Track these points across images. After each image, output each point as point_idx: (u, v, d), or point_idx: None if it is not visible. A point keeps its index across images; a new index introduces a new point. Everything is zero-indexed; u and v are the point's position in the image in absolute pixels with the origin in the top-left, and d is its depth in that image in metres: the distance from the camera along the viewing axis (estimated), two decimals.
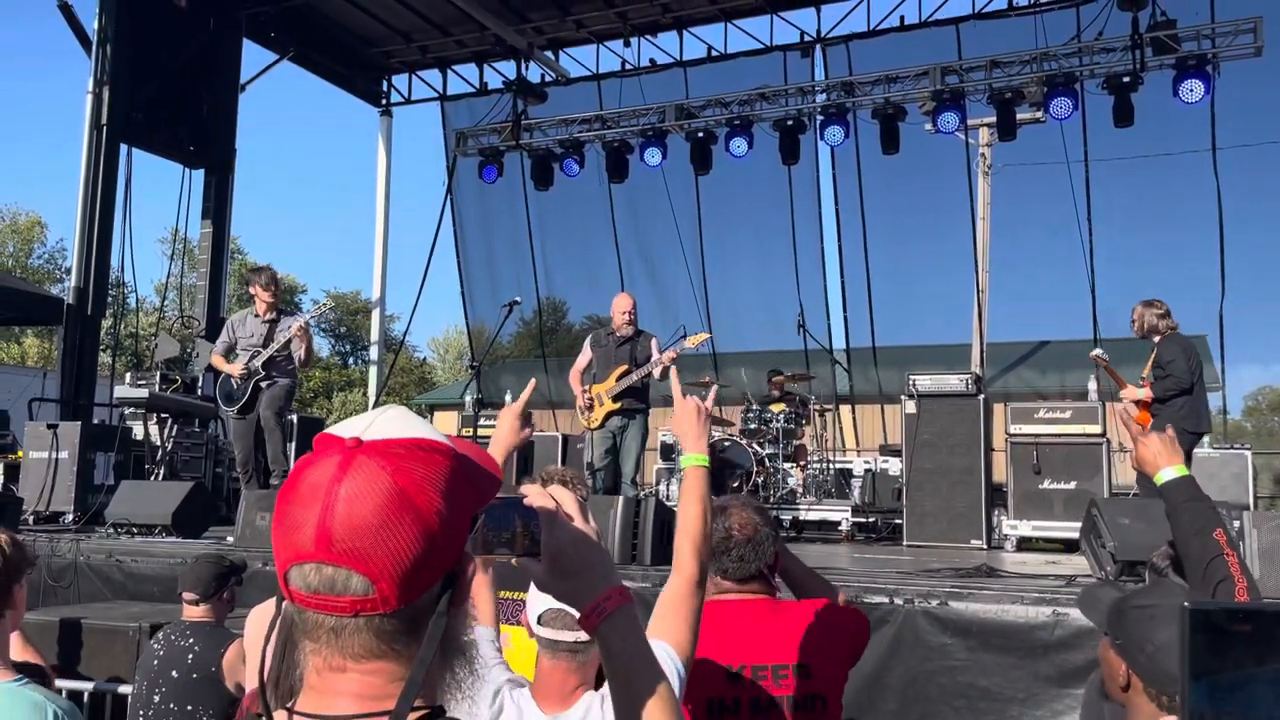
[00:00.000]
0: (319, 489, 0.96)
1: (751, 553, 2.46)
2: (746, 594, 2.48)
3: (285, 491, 0.99)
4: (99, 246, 11.06)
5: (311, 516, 0.95)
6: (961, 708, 4.50)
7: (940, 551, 7.46)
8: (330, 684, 0.98)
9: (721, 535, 2.46)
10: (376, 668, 0.98)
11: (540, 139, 13.61)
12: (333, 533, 0.93)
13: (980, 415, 8.12)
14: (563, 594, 1.21)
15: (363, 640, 0.97)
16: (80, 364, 10.85)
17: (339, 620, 0.96)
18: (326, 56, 14.51)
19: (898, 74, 11.79)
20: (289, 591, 0.97)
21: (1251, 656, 0.70)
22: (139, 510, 7.20)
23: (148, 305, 19.94)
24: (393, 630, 0.97)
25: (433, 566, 0.97)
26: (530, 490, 1.18)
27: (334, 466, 0.96)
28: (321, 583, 0.95)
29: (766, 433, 9.98)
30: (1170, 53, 10.51)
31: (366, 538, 0.93)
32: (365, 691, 0.98)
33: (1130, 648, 1.85)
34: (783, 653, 2.40)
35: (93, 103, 11.19)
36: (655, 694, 1.17)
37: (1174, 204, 13.48)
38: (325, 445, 1.00)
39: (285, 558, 0.97)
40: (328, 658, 0.98)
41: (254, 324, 7.71)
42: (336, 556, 0.94)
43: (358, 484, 0.95)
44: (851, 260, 14.65)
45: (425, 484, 0.97)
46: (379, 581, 0.94)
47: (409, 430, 1.01)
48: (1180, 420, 6.75)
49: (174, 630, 3.95)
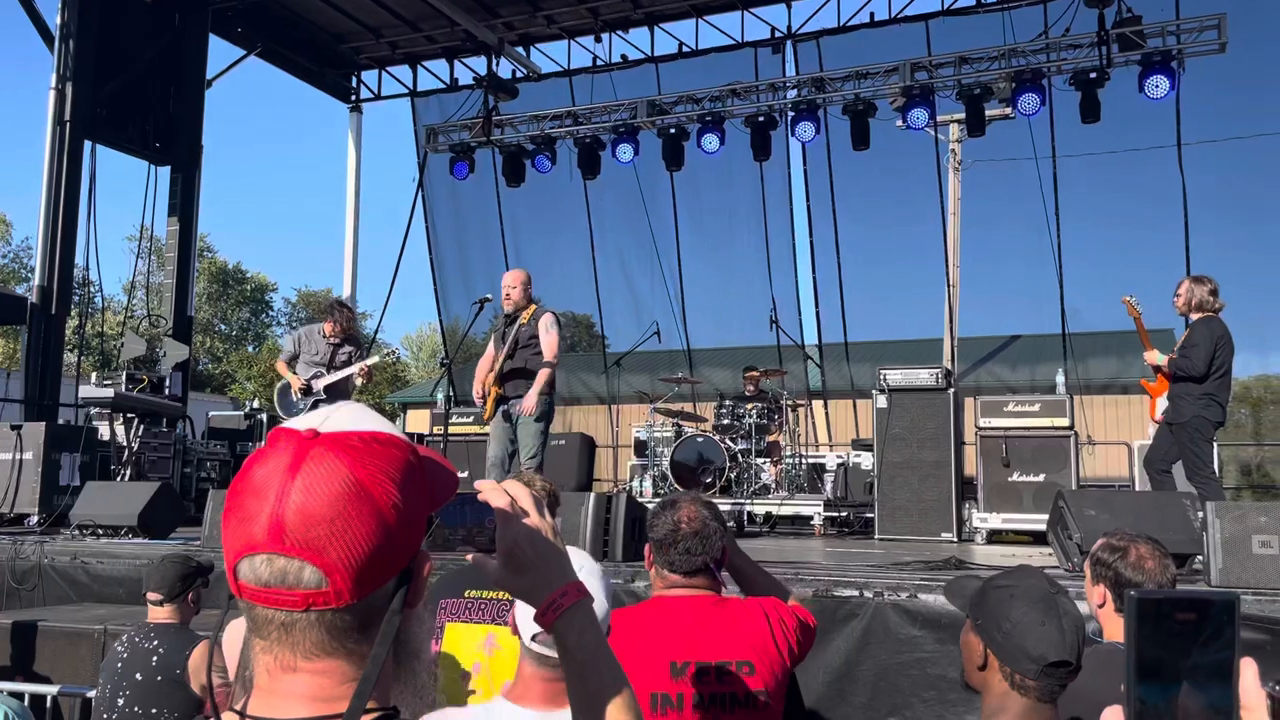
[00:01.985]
0: (273, 479, 0.93)
1: (699, 546, 2.46)
2: (692, 588, 2.49)
3: (237, 483, 0.97)
4: (63, 244, 10.91)
5: (264, 507, 0.92)
6: (931, 699, 4.52)
7: (911, 545, 7.50)
8: (280, 685, 0.96)
9: (669, 528, 2.47)
10: (328, 667, 0.95)
11: (511, 135, 13.56)
12: (286, 523, 0.91)
13: (951, 409, 8.18)
14: (518, 590, 1.18)
15: (314, 637, 0.94)
16: (45, 364, 10.70)
17: (290, 615, 0.93)
18: (295, 52, 14.38)
19: (868, 70, 11.83)
20: (238, 586, 0.95)
21: (1196, 645, 0.70)
22: (105, 511, 7.11)
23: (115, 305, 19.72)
24: (345, 627, 0.95)
25: (388, 561, 0.95)
26: (484, 486, 1.16)
27: (289, 457, 0.94)
28: (273, 575, 0.92)
29: (739, 428, 10.01)
30: (1136, 49, 10.61)
31: (321, 528, 0.91)
32: (317, 693, 0.95)
33: (988, 626, 1.90)
34: (728, 649, 2.40)
35: (56, 99, 11.03)
36: (614, 691, 1.15)
37: (1140, 199, 13.63)
38: (280, 438, 0.97)
39: (235, 550, 0.94)
40: (278, 656, 0.95)
41: (320, 343, 8.00)
42: (289, 548, 0.91)
43: (313, 475, 0.93)
44: (823, 256, 14.71)
45: (382, 476, 0.95)
46: (332, 574, 0.92)
47: (366, 424, 0.99)
48: (1202, 410, 6.69)
49: (138, 632, 3.90)
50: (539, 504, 1.19)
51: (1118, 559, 2.57)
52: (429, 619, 1.04)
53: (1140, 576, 2.54)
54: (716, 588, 2.56)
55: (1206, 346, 6.63)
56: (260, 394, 32.69)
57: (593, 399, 16.82)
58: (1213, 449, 6.85)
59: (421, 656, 1.04)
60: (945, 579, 4.76)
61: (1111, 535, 2.69)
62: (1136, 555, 2.57)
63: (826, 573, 5.01)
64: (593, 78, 14.14)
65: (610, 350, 16.46)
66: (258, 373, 38.61)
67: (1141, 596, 0.72)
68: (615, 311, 15.94)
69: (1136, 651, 0.71)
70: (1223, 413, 6.79)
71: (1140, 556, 2.56)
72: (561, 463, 10.96)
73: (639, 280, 15.63)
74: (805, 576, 4.82)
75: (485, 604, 2.69)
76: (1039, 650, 1.83)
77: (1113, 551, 2.60)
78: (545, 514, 1.19)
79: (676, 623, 2.42)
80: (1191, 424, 6.65)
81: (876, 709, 4.57)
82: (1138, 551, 2.58)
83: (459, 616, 2.67)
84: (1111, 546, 2.62)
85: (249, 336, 44.26)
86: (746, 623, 2.47)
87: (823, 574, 4.93)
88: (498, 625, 2.66)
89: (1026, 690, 1.85)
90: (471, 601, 2.70)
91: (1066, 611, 1.88)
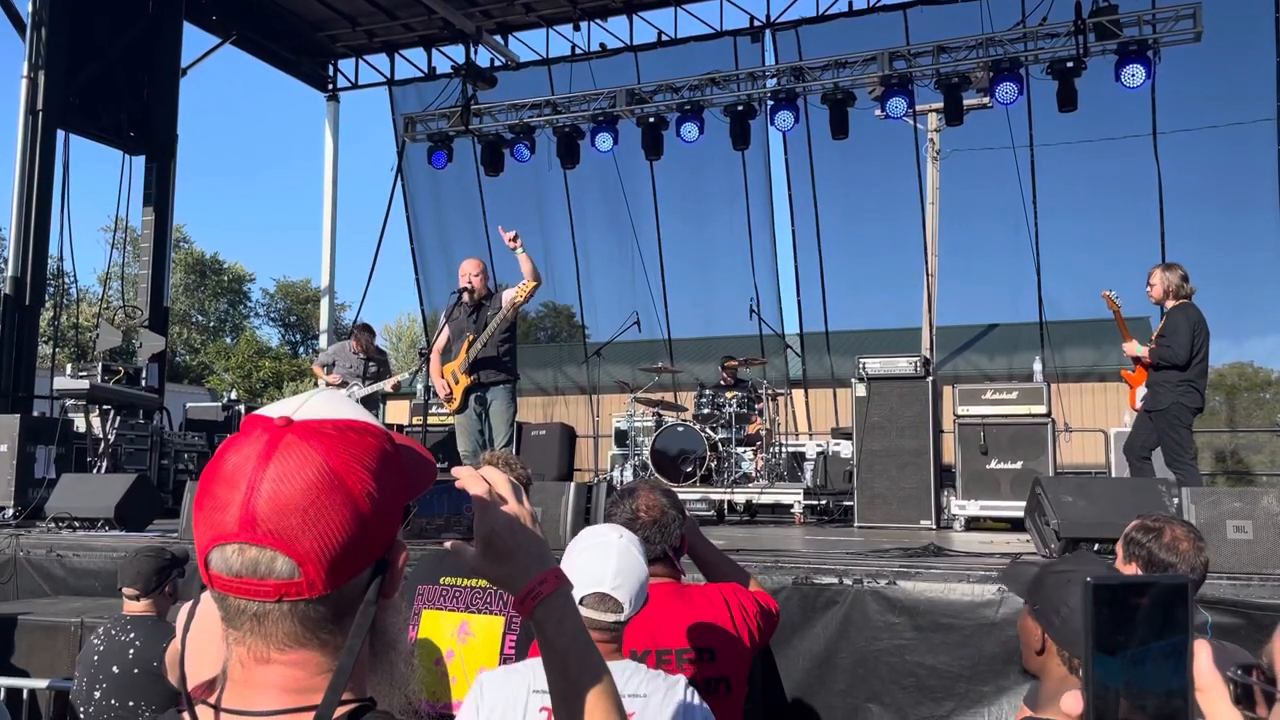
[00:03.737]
0: (245, 468, 0.92)
1: (657, 534, 2.47)
2: (651, 577, 2.49)
3: (209, 471, 0.95)
4: (37, 235, 10.77)
5: (236, 496, 0.91)
6: (910, 686, 4.55)
7: (890, 532, 7.54)
8: (254, 676, 0.95)
9: (628, 517, 2.48)
10: (301, 658, 0.94)
11: (490, 124, 13.49)
12: (257, 512, 0.90)
13: (929, 397, 8.21)
14: (497, 578, 1.17)
15: (287, 628, 0.93)
16: (19, 355, 10.58)
17: (262, 606, 0.92)
18: (270, 40, 14.25)
19: (846, 59, 11.84)
20: (209, 575, 0.93)
21: (1151, 629, 0.72)
22: (80, 504, 7.04)
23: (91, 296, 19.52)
24: (318, 618, 0.94)
25: (363, 551, 0.94)
26: (461, 473, 1.15)
27: (262, 445, 0.93)
28: (244, 565, 0.91)
29: (719, 417, 10.02)
30: (1112, 38, 10.67)
31: (293, 517, 0.90)
32: (291, 684, 0.94)
33: (1046, 611, 1.92)
34: (686, 636, 2.41)
35: (28, 87, 10.88)
36: (594, 678, 1.15)
37: (1117, 188, 13.73)
38: (253, 425, 0.96)
39: (206, 539, 0.93)
40: (251, 647, 0.94)
41: (351, 358, 9.53)
42: (261, 537, 0.90)
43: (287, 463, 0.91)
44: (804, 245, 14.74)
45: (357, 465, 0.94)
46: (305, 564, 0.90)
47: (342, 412, 0.98)
48: (1180, 397, 6.74)
49: (114, 625, 3.87)
50: (517, 491, 1.18)
51: (1152, 539, 2.60)
52: (405, 609, 1.03)
53: (1174, 558, 2.56)
54: (676, 575, 2.56)
55: (1186, 333, 6.67)
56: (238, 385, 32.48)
57: (573, 389, 16.80)
58: (1192, 436, 6.90)
59: (398, 647, 1.02)
60: (922, 566, 4.81)
61: (1146, 516, 2.71)
62: (1172, 536, 2.59)
63: (806, 560, 5.02)
64: (571, 66, 14.09)
65: (590, 340, 16.44)
66: (235, 364, 38.34)
67: (1097, 582, 0.73)
68: (596, 301, 15.91)
69: (1094, 635, 0.72)
70: (1201, 399, 6.83)
71: (1175, 538, 2.58)
72: (542, 453, 10.94)
73: (620, 270, 15.61)
74: (785, 564, 4.83)
75: (460, 591, 2.68)
76: None
77: (1147, 532, 2.62)
78: (524, 501, 1.18)
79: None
80: (1171, 411, 6.70)
81: (856, 695, 4.60)
82: (1173, 533, 2.60)
83: (434, 604, 2.66)
84: (1146, 527, 2.64)
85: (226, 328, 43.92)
86: (706, 609, 2.48)
87: (802, 561, 4.94)
88: (471, 613, 2.66)
89: None
90: (446, 589, 2.69)
91: None
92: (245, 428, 0.96)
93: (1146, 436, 6.90)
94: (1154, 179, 12.76)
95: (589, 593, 1.97)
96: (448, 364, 7.19)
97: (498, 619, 2.64)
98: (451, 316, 7.28)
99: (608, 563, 1.99)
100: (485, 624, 2.64)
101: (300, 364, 41.10)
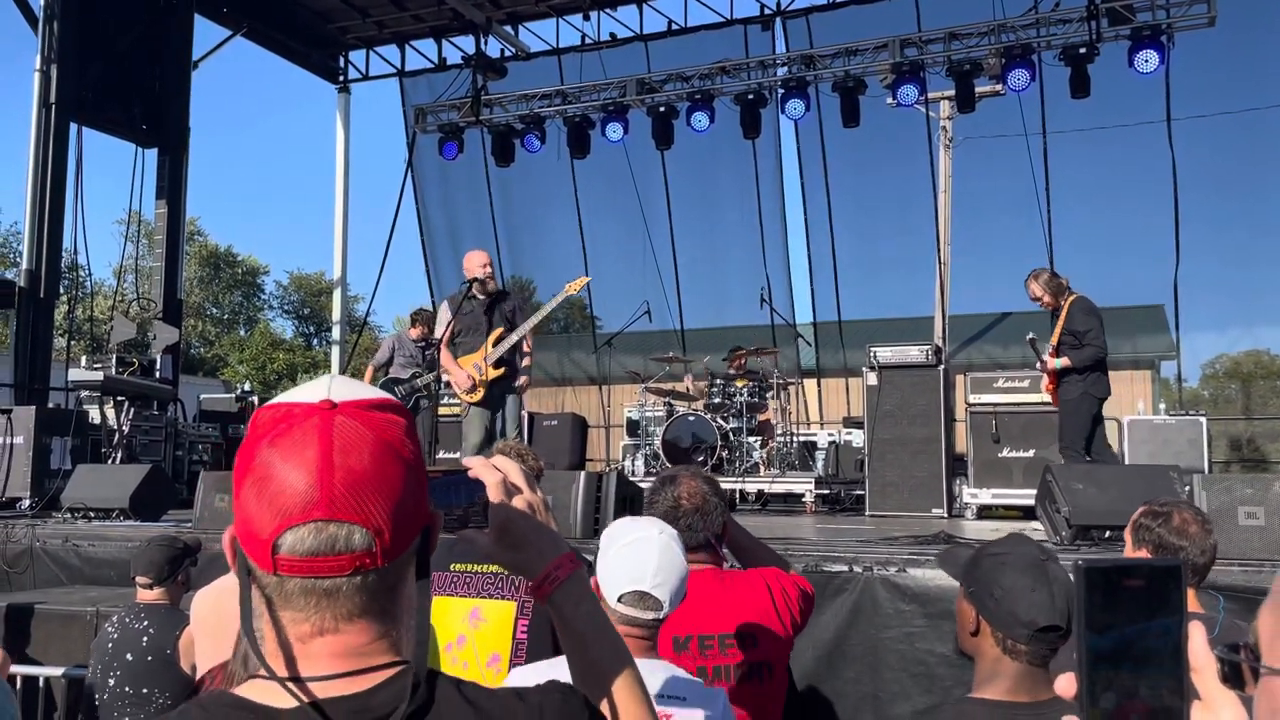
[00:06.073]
0: (307, 450, 0.94)
1: (700, 522, 2.47)
2: (694, 564, 2.48)
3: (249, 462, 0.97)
4: (51, 228, 10.84)
5: (306, 477, 0.93)
6: (920, 674, 4.56)
7: (902, 521, 7.52)
8: (312, 648, 0.97)
9: (670, 504, 2.48)
10: (361, 627, 0.97)
11: (500, 115, 13.48)
12: (335, 489, 0.93)
13: (940, 386, 8.19)
14: (513, 564, 1.20)
15: (356, 600, 0.96)
16: (34, 347, 10.66)
17: (334, 582, 0.95)
18: (281, 32, 14.28)
19: (857, 47, 11.77)
20: (276, 561, 0.94)
21: (1144, 611, 0.72)
22: (95, 494, 7.09)
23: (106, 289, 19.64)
24: (381, 587, 0.97)
25: (418, 516, 0.99)
26: (474, 463, 1.18)
27: (316, 427, 0.95)
28: (322, 543, 0.93)
29: (730, 407, 10.02)
30: (1125, 23, 10.58)
31: (366, 490, 0.94)
32: (351, 650, 0.97)
33: (980, 593, 1.94)
34: (729, 622, 2.41)
35: (41, 81, 10.93)
36: (614, 658, 1.17)
37: (1130, 175, 13.63)
38: (293, 412, 0.97)
39: (273, 525, 0.94)
40: (315, 622, 0.96)
41: (410, 346, 9.93)
42: (339, 512, 0.93)
43: (348, 439, 0.95)
44: (817, 235, 14.68)
45: (402, 435, 0.99)
46: (381, 533, 0.94)
47: (366, 392, 1.02)
48: (1090, 388, 6.97)
49: (129, 613, 3.91)
50: (529, 479, 1.20)
51: (1160, 524, 2.60)
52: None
53: (1183, 541, 2.57)
54: (718, 562, 2.57)
55: (1098, 326, 6.93)
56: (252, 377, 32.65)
57: (584, 379, 16.81)
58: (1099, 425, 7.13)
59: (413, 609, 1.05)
60: (934, 553, 4.80)
61: (1153, 502, 2.72)
62: (1180, 520, 2.60)
63: (816, 548, 5.02)
64: (581, 56, 14.07)
65: (601, 330, 16.44)
66: (249, 356, 38.52)
67: (1089, 565, 0.73)
68: (607, 291, 15.88)
69: (1087, 618, 0.72)
70: (1108, 388, 7.14)
71: (1184, 521, 2.59)
72: (554, 443, 10.98)
73: (631, 260, 15.59)
74: (795, 552, 4.83)
75: (471, 577, 2.70)
76: (1030, 615, 1.86)
77: (1155, 517, 2.62)
78: (536, 489, 1.20)
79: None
80: (1080, 400, 6.94)
81: (865, 683, 4.61)
82: (1181, 517, 2.61)
83: (444, 590, 2.68)
84: (1154, 512, 2.64)
85: (241, 320, 44.09)
86: (748, 594, 2.48)
87: (812, 549, 4.94)
88: (483, 598, 2.68)
89: (1018, 655, 1.89)
90: (457, 575, 2.71)
91: (1057, 578, 1.91)
92: (284, 417, 0.97)
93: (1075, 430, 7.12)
94: (1168, 165, 12.65)
95: (628, 590, 1.95)
96: (464, 355, 7.06)
97: (509, 604, 2.66)
98: (462, 309, 7.11)
99: (649, 560, 1.96)
100: (497, 609, 2.66)
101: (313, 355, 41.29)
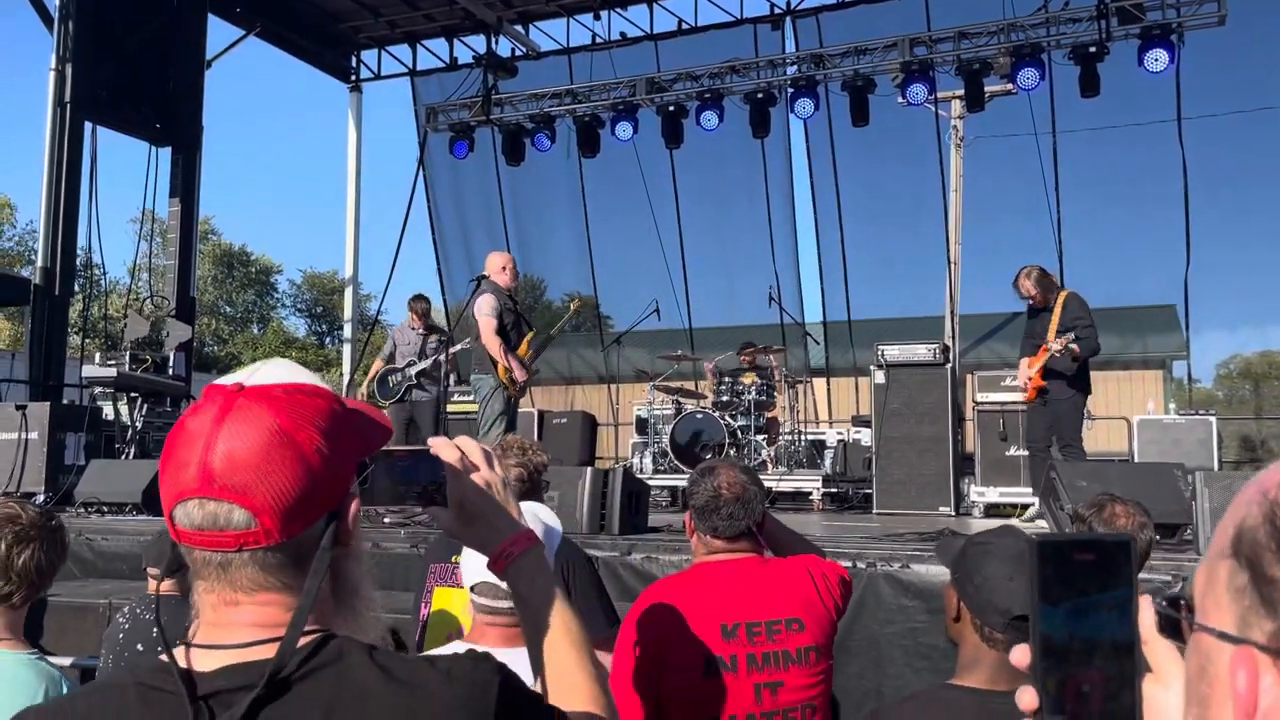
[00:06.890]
0: (201, 430, 1.01)
1: (741, 511, 2.50)
2: (737, 552, 2.52)
3: (172, 436, 1.04)
4: (65, 226, 10.94)
5: (194, 455, 1.00)
6: (924, 669, 4.58)
7: (909, 519, 7.54)
8: (225, 617, 1.03)
9: (710, 494, 2.51)
10: (269, 599, 1.03)
11: (511, 114, 13.53)
12: (214, 469, 0.99)
13: (948, 384, 8.20)
14: (470, 539, 1.25)
15: (250, 574, 1.02)
16: (49, 345, 10.75)
17: (225, 556, 1.01)
18: (293, 32, 14.36)
19: (867, 46, 11.76)
20: (175, 530, 1.02)
21: (1095, 584, 0.74)
22: (109, 489, 7.19)
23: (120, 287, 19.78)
24: (278, 564, 1.02)
25: (315, 502, 1.02)
26: (436, 442, 1.22)
27: (216, 409, 1.02)
28: (204, 518, 1.00)
29: (738, 405, 10.04)
30: (1135, 22, 10.55)
31: (247, 473, 0.99)
32: (259, 621, 1.03)
33: (962, 580, 1.97)
34: (776, 608, 2.44)
35: (55, 80, 11.03)
36: (567, 633, 1.20)
37: (1140, 174, 13.57)
38: (210, 393, 1.05)
39: (171, 496, 1.02)
40: (220, 593, 1.03)
41: (411, 335, 9.48)
42: (218, 491, 0.99)
43: (239, 423, 1.00)
44: (826, 234, 14.69)
45: (306, 424, 1.02)
46: (260, 515, 0.99)
47: (291, 377, 1.06)
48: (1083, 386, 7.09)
49: (139, 604, 3.96)
50: (489, 458, 1.24)
51: (1093, 514, 2.75)
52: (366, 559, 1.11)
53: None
54: (759, 550, 2.60)
55: (1088, 316, 6.99)
56: None
57: (593, 377, 16.85)
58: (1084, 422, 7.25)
59: (360, 593, 1.10)
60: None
61: (1100, 495, 2.81)
62: (1110, 513, 2.69)
63: (821, 544, 5.04)
64: (592, 56, 14.11)
65: (611, 329, 16.48)
66: (263, 354, 38.68)
67: (1042, 539, 0.76)
68: (616, 290, 15.92)
69: (1040, 591, 0.74)
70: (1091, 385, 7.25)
71: (1113, 514, 2.68)
72: (563, 440, 11.02)
73: (640, 259, 15.62)
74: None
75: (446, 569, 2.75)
76: (1005, 604, 1.89)
77: (1090, 507, 2.78)
78: (495, 468, 1.24)
79: (723, 586, 2.45)
80: (1074, 399, 7.02)
81: (869, 679, 4.63)
82: (1112, 510, 2.70)
83: (447, 581, 2.73)
84: (1092, 503, 2.80)
85: (254, 318, 44.30)
86: (791, 580, 2.51)
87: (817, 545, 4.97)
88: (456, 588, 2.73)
89: (995, 643, 1.92)
90: (458, 567, 2.75)
91: None
92: (206, 395, 1.05)
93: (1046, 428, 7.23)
94: (1178, 165, 12.61)
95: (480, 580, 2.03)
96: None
97: None
98: (507, 307, 7.35)
99: None
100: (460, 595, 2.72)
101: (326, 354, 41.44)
